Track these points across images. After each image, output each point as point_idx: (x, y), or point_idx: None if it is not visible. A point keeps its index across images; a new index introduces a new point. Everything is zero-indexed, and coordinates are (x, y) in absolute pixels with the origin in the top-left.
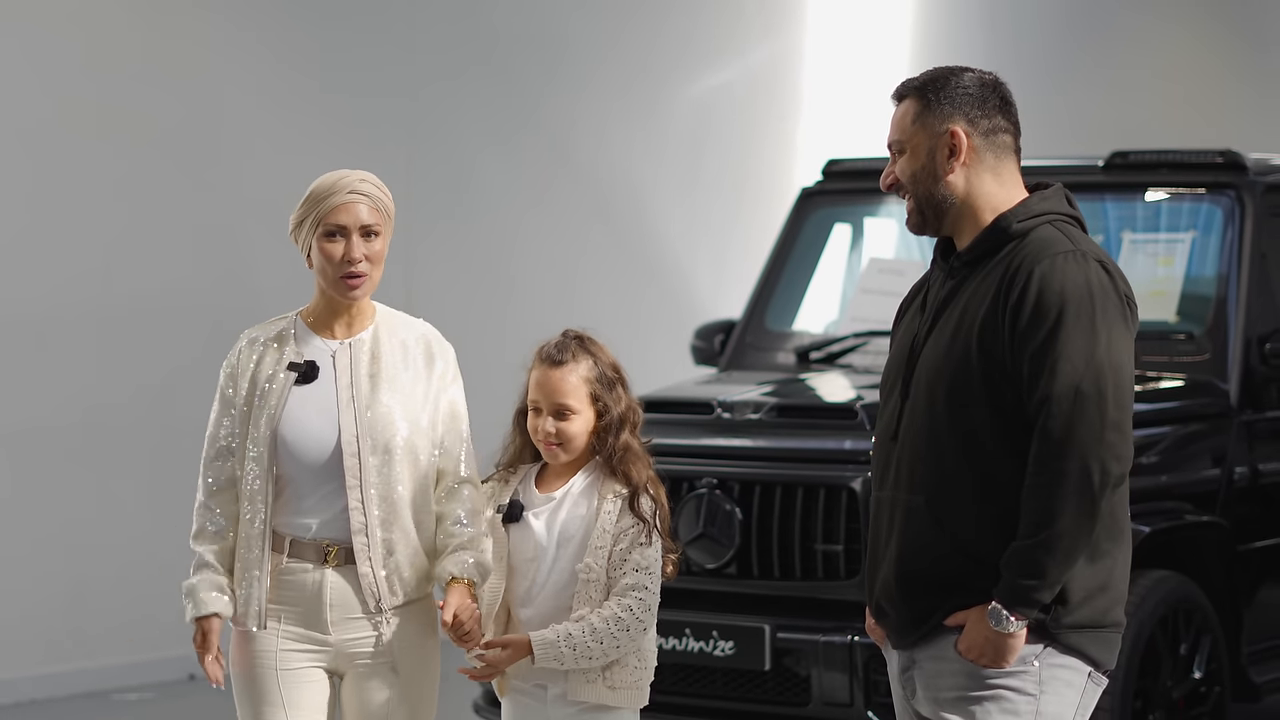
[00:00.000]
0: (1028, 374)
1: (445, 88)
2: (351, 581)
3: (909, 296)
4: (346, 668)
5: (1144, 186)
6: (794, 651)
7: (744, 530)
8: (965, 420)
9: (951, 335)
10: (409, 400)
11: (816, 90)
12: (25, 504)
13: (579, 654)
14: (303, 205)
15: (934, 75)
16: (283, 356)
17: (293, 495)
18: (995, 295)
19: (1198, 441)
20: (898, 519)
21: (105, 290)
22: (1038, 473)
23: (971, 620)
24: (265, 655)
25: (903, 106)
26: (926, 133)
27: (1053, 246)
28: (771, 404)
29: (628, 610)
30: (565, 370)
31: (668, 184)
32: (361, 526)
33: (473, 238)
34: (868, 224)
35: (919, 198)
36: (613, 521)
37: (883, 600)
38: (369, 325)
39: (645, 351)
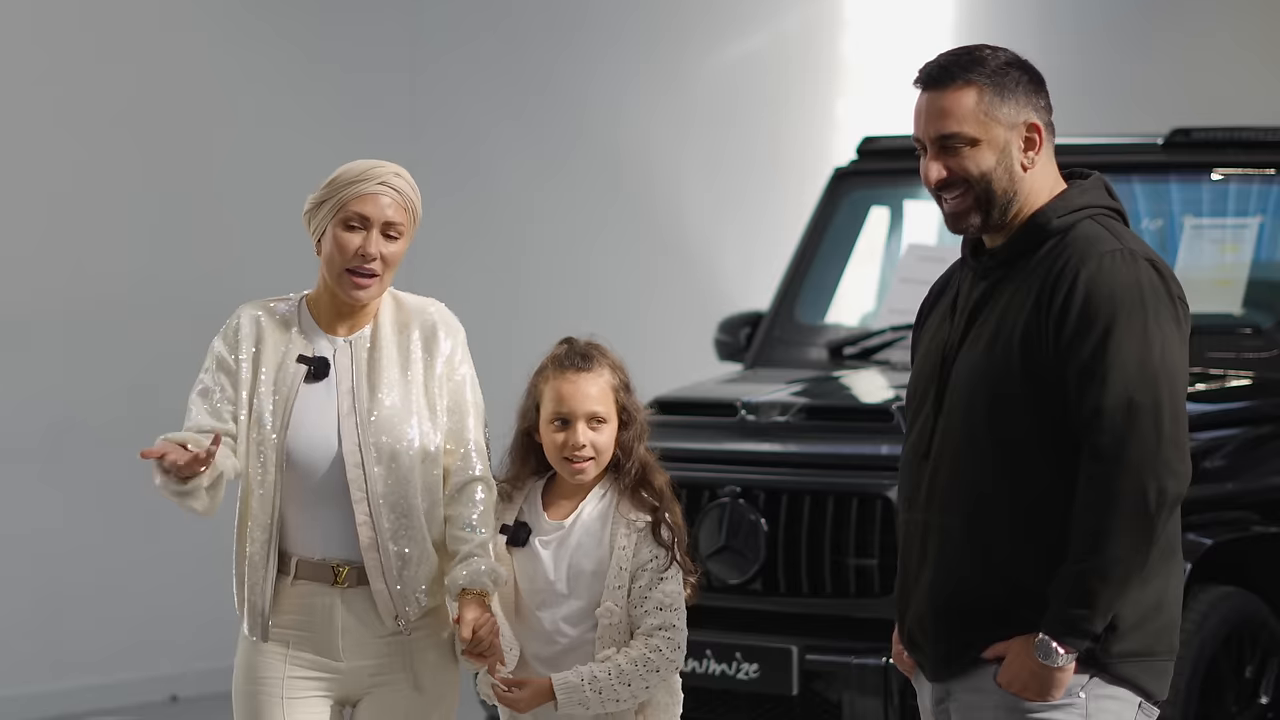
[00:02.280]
0: (1075, 385)
1: (451, 56)
2: (366, 603)
3: (930, 299)
4: (361, 693)
5: (1208, 166)
6: (824, 675)
7: (770, 543)
8: (1006, 434)
9: (989, 343)
10: (415, 397)
11: (857, 59)
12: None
13: (605, 698)
14: (325, 187)
15: (982, 58)
16: (290, 344)
17: (298, 509)
18: (1038, 300)
19: (1266, 445)
20: (931, 543)
21: (74, 287)
22: (1088, 492)
23: (1014, 652)
24: (271, 682)
25: (960, 95)
26: (1003, 124)
27: (1098, 245)
28: (800, 405)
29: (656, 651)
30: (594, 375)
31: (691, 162)
32: (372, 542)
33: (479, 219)
34: (907, 207)
35: (986, 195)
36: (629, 557)
37: (915, 631)
38: (371, 320)
39: (665, 346)
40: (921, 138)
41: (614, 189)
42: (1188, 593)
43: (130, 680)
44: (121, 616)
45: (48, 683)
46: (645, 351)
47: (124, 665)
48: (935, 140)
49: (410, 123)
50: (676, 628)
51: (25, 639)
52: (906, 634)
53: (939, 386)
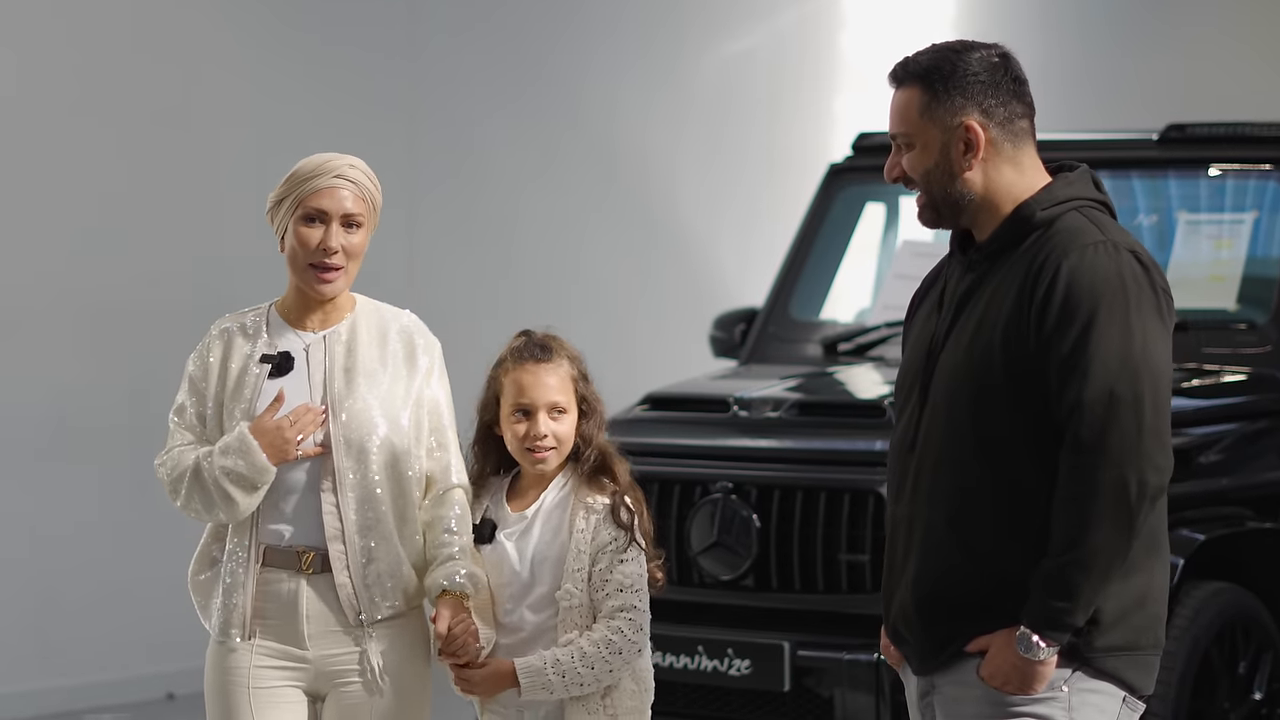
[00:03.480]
0: (1057, 378)
1: (447, 44)
2: (329, 592)
3: (920, 291)
4: (327, 688)
5: (1203, 162)
6: (816, 671)
7: (762, 539)
8: (989, 428)
9: (973, 335)
10: (388, 398)
11: (855, 56)
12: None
13: (569, 681)
14: (284, 184)
15: (937, 59)
16: (254, 349)
17: (267, 500)
18: (1020, 291)
19: (1260, 441)
20: (916, 536)
21: (75, 287)
22: (1069, 485)
23: (996, 645)
24: (238, 671)
25: (904, 95)
26: (937, 126)
27: (1081, 237)
28: (792, 401)
29: (618, 632)
30: (553, 366)
31: (687, 157)
32: (337, 533)
33: (471, 211)
34: (903, 203)
35: (933, 194)
36: (588, 540)
37: (900, 625)
38: (346, 317)
39: (661, 342)
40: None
41: (609, 183)
42: (1181, 588)
43: (127, 678)
44: (119, 614)
45: (45, 680)
46: (640, 348)
47: (121, 663)
48: (891, 138)
49: (407, 112)
50: (638, 609)
51: (23, 636)
52: (892, 627)
53: (924, 378)
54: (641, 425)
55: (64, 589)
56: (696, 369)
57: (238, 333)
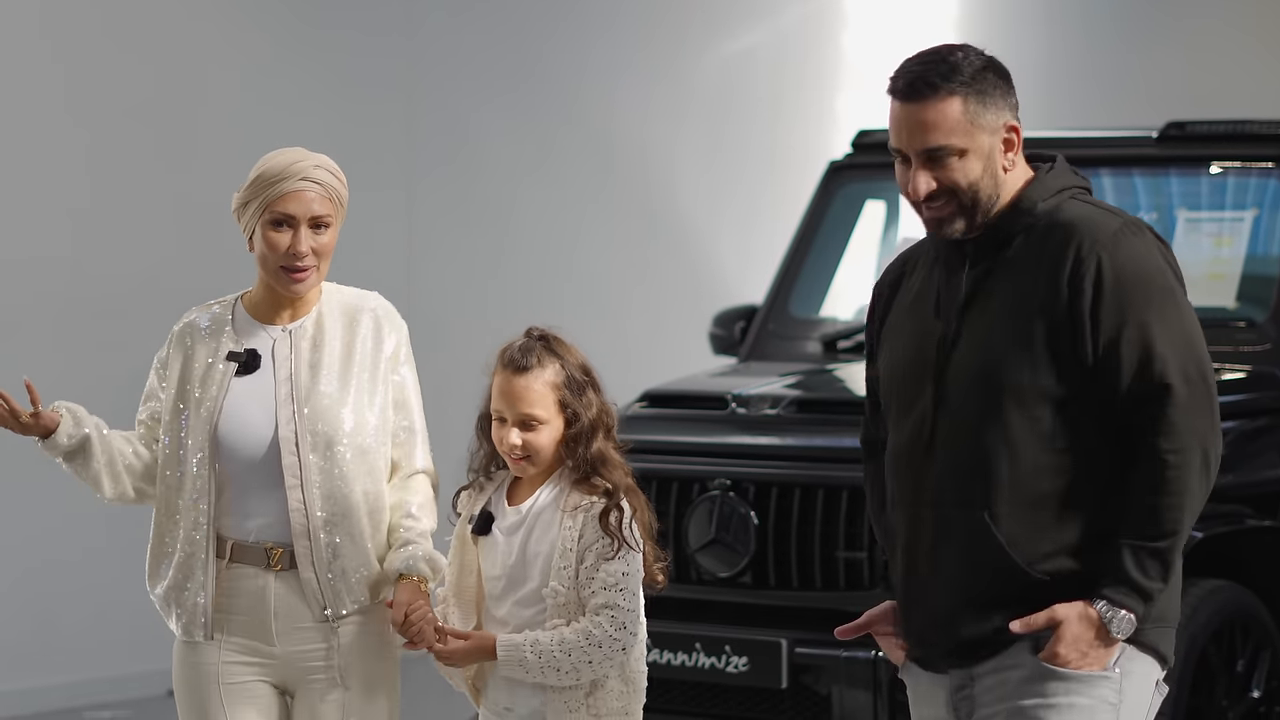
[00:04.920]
0: (1127, 368)
1: (445, 24)
2: (297, 588)
3: (884, 291)
4: (296, 683)
5: (1203, 160)
6: (813, 668)
7: (760, 536)
8: (1033, 424)
9: (1001, 333)
10: (356, 388)
11: (857, 54)
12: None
13: (544, 662)
14: (249, 187)
15: (967, 63)
16: (220, 345)
17: (234, 495)
18: (1056, 287)
19: (1259, 439)
20: (950, 538)
21: (73, 285)
22: (1153, 469)
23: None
24: (207, 668)
25: (944, 105)
26: (985, 131)
27: (1100, 223)
28: (791, 398)
29: (599, 627)
30: (530, 377)
31: (688, 155)
32: (304, 529)
33: (472, 191)
34: (902, 201)
35: (976, 201)
36: (575, 539)
37: (928, 628)
38: (312, 309)
39: (661, 339)
40: (904, 150)
41: (607, 175)
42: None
43: (127, 674)
44: (118, 610)
45: (44, 677)
46: (637, 343)
47: (120, 659)
48: (922, 153)
49: (405, 93)
50: (622, 608)
51: (22, 633)
52: (915, 633)
53: (936, 380)
54: (639, 422)
55: (63, 586)
56: (695, 365)
57: (202, 330)
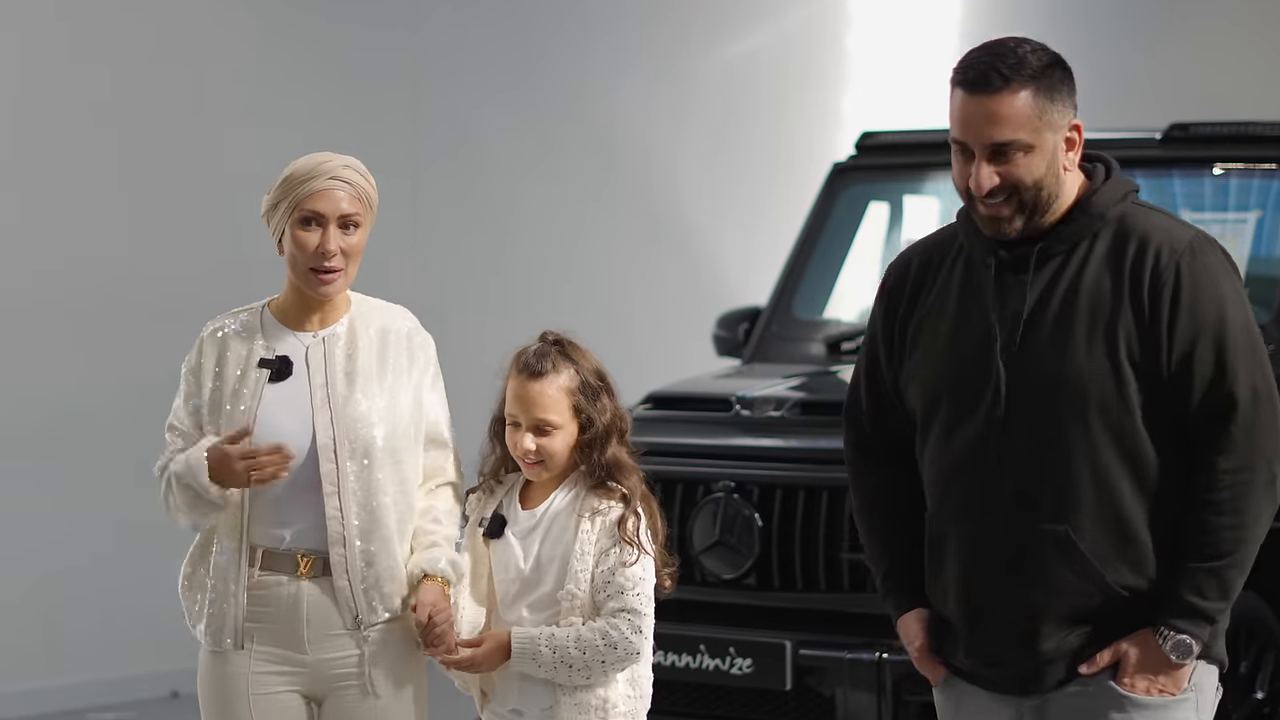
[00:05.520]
0: (1199, 383)
1: (449, 20)
2: (329, 595)
3: (908, 281)
4: (325, 691)
5: (1206, 161)
6: (817, 670)
7: (764, 538)
8: (1115, 430)
9: (1075, 342)
10: (390, 400)
11: (861, 55)
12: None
13: (559, 657)
14: (278, 187)
15: (1023, 58)
16: (251, 351)
17: (267, 503)
18: (1133, 299)
19: None
20: (1031, 552)
21: (76, 282)
22: (1222, 487)
23: (1139, 653)
24: (236, 678)
25: (1014, 99)
26: (1051, 128)
27: (1178, 234)
28: (795, 400)
29: (616, 629)
30: (544, 383)
31: (691, 155)
32: (340, 537)
33: (474, 188)
34: (906, 202)
35: (1034, 200)
36: (592, 542)
37: (999, 646)
38: (343, 317)
39: (665, 341)
40: (968, 143)
41: (610, 177)
42: None
43: (131, 676)
44: (123, 612)
45: (49, 678)
46: (639, 343)
47: (125, 661)
48: (987, 147)
49: (410, 95)
50: (638, 612)
51: (26, 634)
52: (983, 653)
53: (1002, 387)
54: (644, 424)
55: (67, 587)
56: (697, 366)
57: (232, 335)
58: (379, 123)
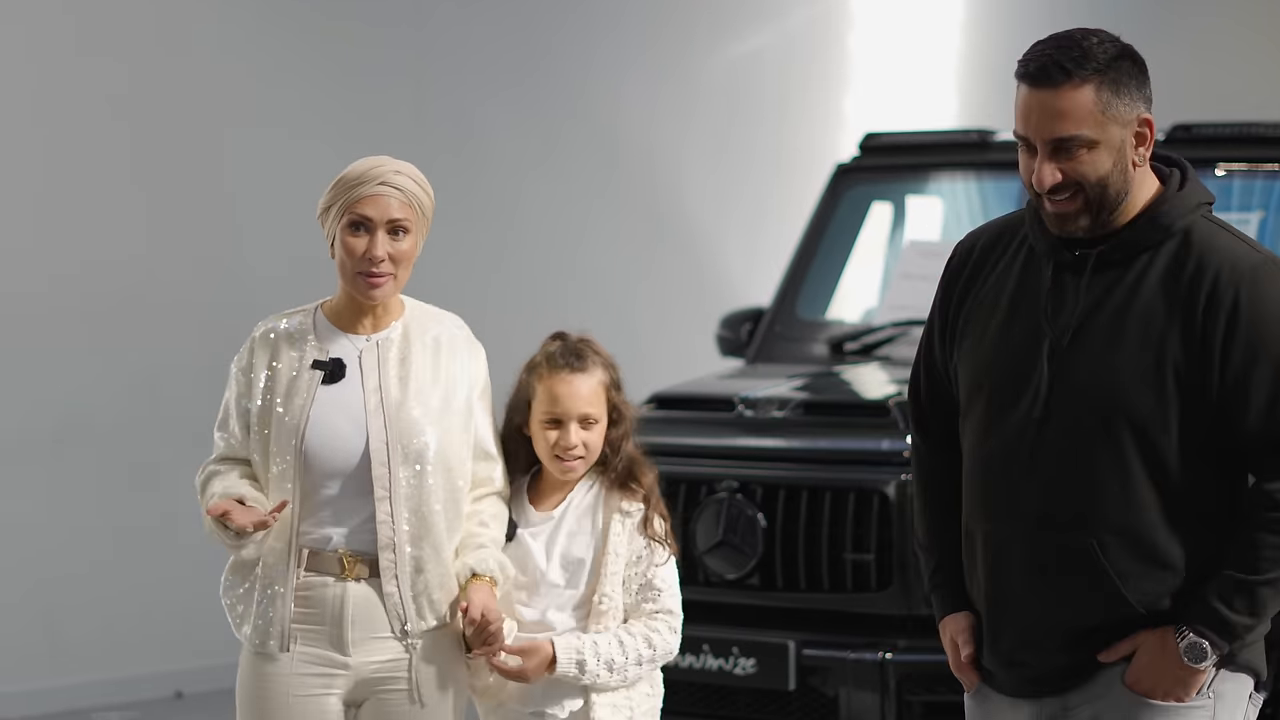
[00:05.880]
0: (1251, 409)
1: (453, 16)
2: (375, 598)
3: (969, 264)
4: (365, 695)
5: (1209, 162)
6: (821, 670)
7: (767, 538)
8: (1151, 447)
9: (1123, 352)
10: (443, 408)
11: (864, 55)
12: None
13: (602, 663)
14: (331, 190)
15: (1089, 50)
16: (305, 353)
17: (317, 505)
18: (1187, 316)
19: None
20: (1053, 560)
21: (80, 284)
22: (1265, 514)
23: (1147, 650)
24: (277, 679)
25: (1077, 93)
26: (1120, 123)
27: (1244, 257)
28: (798, 400)
29: (657, 633)
30: (587, 376)
31: (695, 156)
32: (389, 542)
33: (476, 188)
34: (909, 203)
35: (1100, 198)
36: (625, 545)
37: (1018, 649)
38: (396, 321)
39: (668, 341)
40: (1030, 137)
41: (614, 175)
42: None
43: (135, 676)
44: (127, 612)
45: (52, 678)
46: (644, 345)
47: (128, 661)
48: (1049, 142)
49: (414, 91)
50: (674, 613)
51: (30, 634)
52: (1003, 653)
53: (1044, 389)
54: (647, 424)
55: (72, 588)
56: (699, 366)
57: (284, 337)
58: (383, 119)
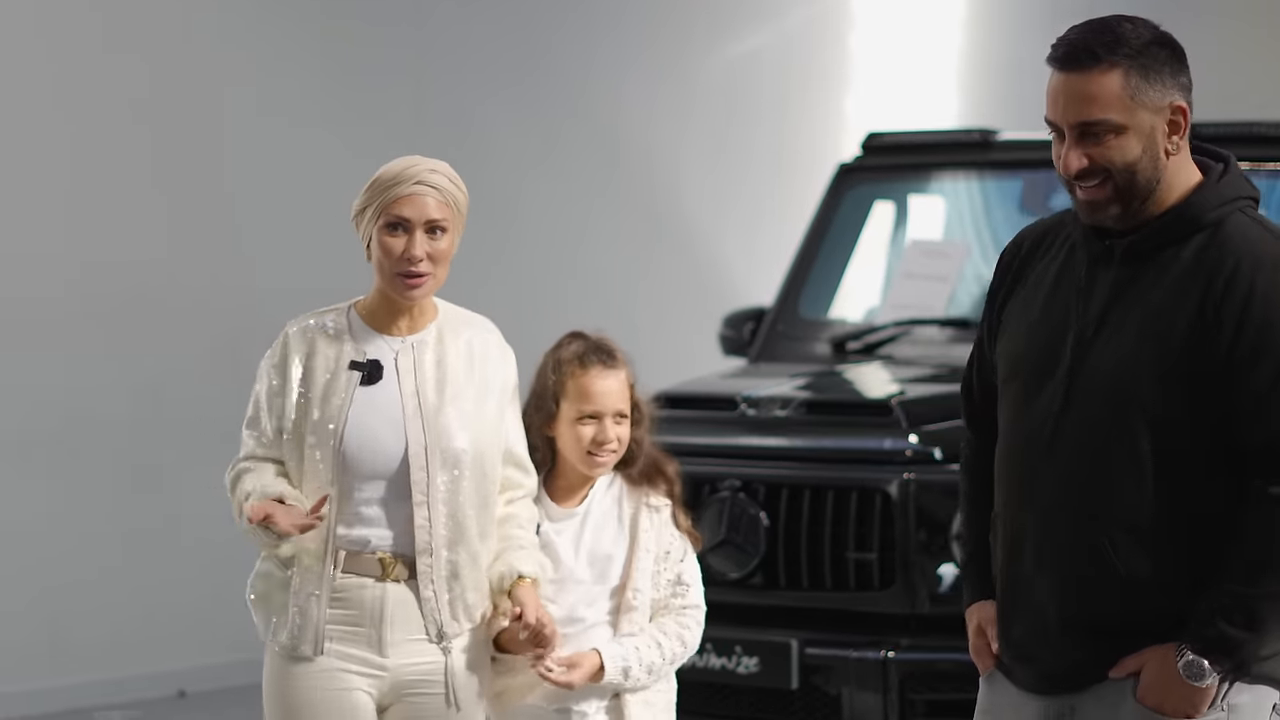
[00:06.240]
0: (1255, 405)
1: (453, 15)
2: (412, 601)
3: (1020, 255)
4: (396, 697)
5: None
6: (824, 669)
7: (770, 537)
8: (1162, 443)
9: (1141, 342)
10: (478, 413)
11: (865, 54)
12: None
13: (644, 668)
14: (366, 192)
15: (1133, 35)
16: (341, 352)
17: (352, 506)
18: (1203, 304)
19: None
20: (1061, 551)
21: (86, 284)
22: (1262, 517)
23: (1153, 666)
24: (309, 676)
25: (1105, 78)
26: (1150, 109)
27: (1264, 247)
28: (801, 399)
29: (688, 628)
30: (619, 372)
31: (691, 153)
32: (427, 546)
33: (477, 185)
34: (912, 202)
35: (1129, 185)
36: (654, 540)
37: (1030, 641)
38: (430, 323)
39: (671, 341)
40: (1058, 122)
41: (614, 174)
42: None
43: (138, 675)
44: (130, 611)
45: (55, 677)
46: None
47: (131, 660)
48: (1076, 127)
49: (414, 90)
50: (701, 608)
51: (32, 633)
52: (1014, 643)
53: (1066, 377)
54: None
55: (75, 587)
56: (699, 366)
57: (319, 334)
58: (383, 118)
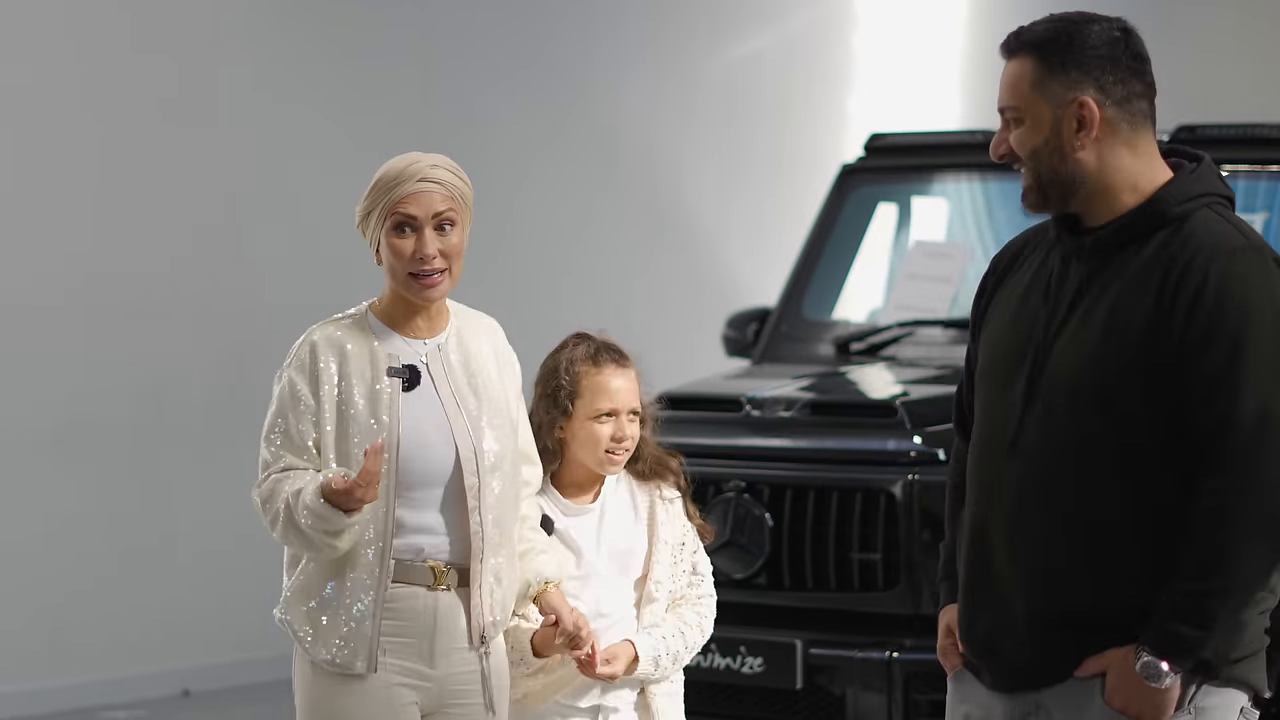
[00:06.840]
0: (1203, 393)
1: (457, 1)
2: (460, 609)
3: (1001, 264)
4: (438, 708)
5: (1214, 163)
6: (828, 669)
7: (774, 537)
8: (1123, 437)
9: (1102, 337)
10: (505, 414)
11: (868, 55)
12: (1, 507)
13: (671, 656)
14: (369, 194)
15: (1055, 30)
16: (374, 358)
17: (407, 516)
18: (1160, 295)
19: None
20: (1025, 546)
21: (89, 284)
22: (1211, 509)
23: (1116, 669)
24: (366, 695)
25: (1015, 66)
26: (1050, 102)
27: (1225, 240)
28: (805, 400)
29: (705, 617)
30: (629, 371)
31: (693, 154)
32: (480, 551)
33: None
34: (915, 203)
35: (1040, 174)
36: (671, 531)
37: (994, 636)
38: (448, 325)
39: (674, 341)
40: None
41: (614, 174)
42: None
43: (141, 675)
44: (133, 610)
45: (58, 677)
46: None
47: (135, 660)
48: (1000, 112)
49: (421, 75)
50: (713, 597)
51: (36, 633)
52: (978, 640)
53: (1031, 375)
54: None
55: (79, 587)
56: (701, 366)
57: (347, 339)
58: (389, 100)
